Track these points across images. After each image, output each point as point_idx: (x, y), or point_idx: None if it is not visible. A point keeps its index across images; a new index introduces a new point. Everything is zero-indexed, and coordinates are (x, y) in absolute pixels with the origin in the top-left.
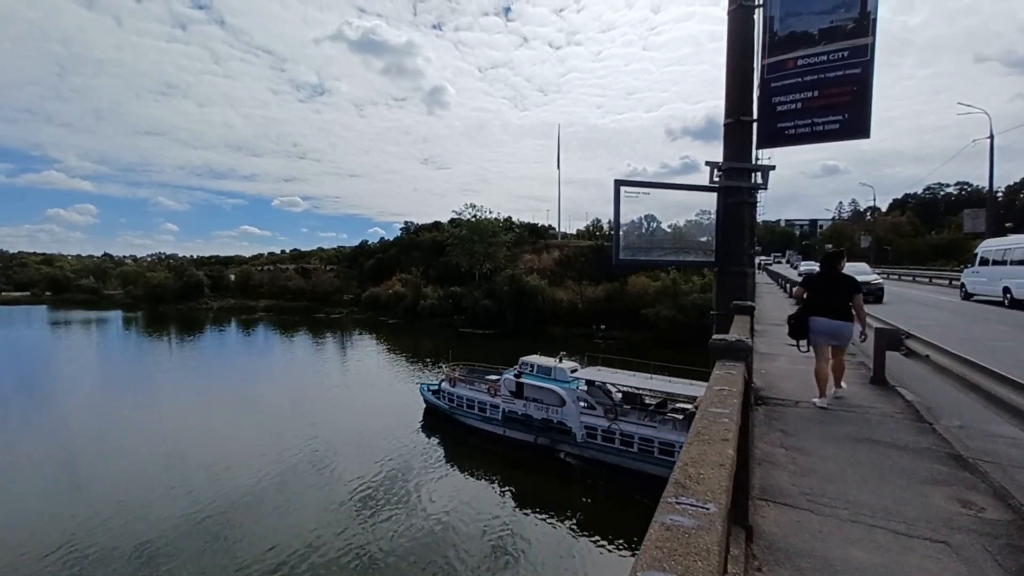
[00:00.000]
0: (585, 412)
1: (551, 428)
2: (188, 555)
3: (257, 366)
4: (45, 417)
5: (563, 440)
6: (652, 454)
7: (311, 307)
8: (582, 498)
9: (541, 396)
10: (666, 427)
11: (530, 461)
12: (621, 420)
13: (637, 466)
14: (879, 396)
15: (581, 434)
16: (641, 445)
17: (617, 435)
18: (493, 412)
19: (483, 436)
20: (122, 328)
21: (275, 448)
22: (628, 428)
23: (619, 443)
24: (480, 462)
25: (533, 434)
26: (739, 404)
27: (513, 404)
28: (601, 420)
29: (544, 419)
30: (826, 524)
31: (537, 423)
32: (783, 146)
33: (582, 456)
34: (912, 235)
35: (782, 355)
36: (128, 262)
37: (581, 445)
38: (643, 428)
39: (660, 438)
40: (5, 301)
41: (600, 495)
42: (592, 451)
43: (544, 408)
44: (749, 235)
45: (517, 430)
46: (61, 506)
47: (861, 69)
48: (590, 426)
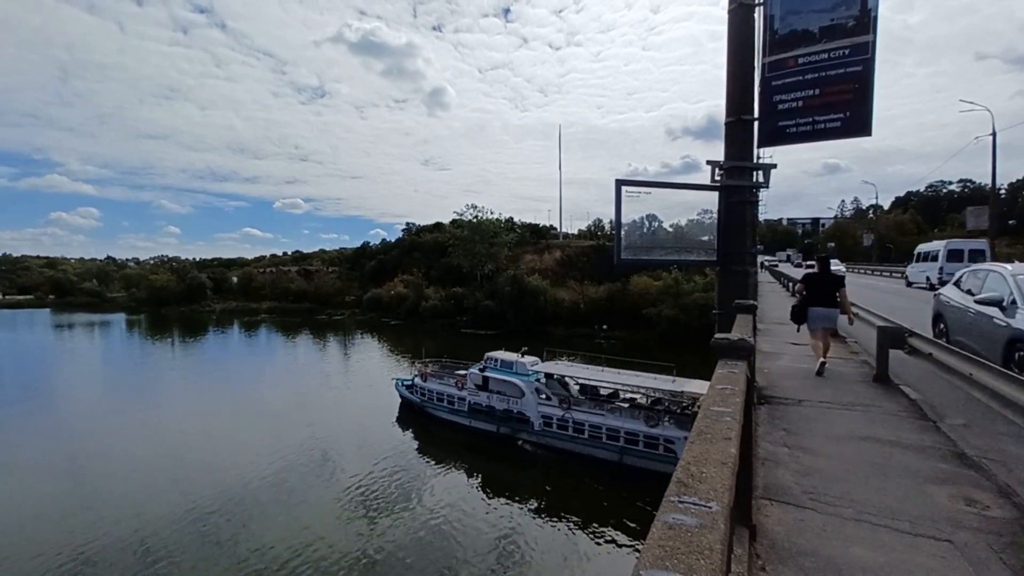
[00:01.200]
0: (542, 403)
1: (512, 418)
2: (191, 555)
3: (259, 368)
4: (49, 419)
5: (522, 428)
6: (600, 440)
7: (313, 309)
8: (538, 482)
9: (504, 388)
10: (613, 415)
11: (493, 449)
12: (574, 409)
13: (587, 451)
14: (882, 394)
15: (538, 423)
16: (591, 432)
17: (570, 423)
18: (460, 404)
19: (451, 427)
20: (125, 331)
21: (276, 448)
22: (580, 416)
23: (572, 430)
24: (448, 452)
25: (496, 424)
26: (742, 403)
27: (478, 396)
28: (556, 409)
29: (505, 410)
30: (830, 523)
31: (499, 413)
32: (784, 144)
33: (539, 443)
34: (915, 233)
35: (785, 354)
36: (131, 265)
37: (538, 433)
38: (593, 416)
39: (607, 425)
40: (9, 304)
41: (555, 479)
42: (548, 438)
43: (506, 399)
44: (751, 234)
45: (481, 420)
46: (66, 507)
47: (862, 67)
48: (546, 415)
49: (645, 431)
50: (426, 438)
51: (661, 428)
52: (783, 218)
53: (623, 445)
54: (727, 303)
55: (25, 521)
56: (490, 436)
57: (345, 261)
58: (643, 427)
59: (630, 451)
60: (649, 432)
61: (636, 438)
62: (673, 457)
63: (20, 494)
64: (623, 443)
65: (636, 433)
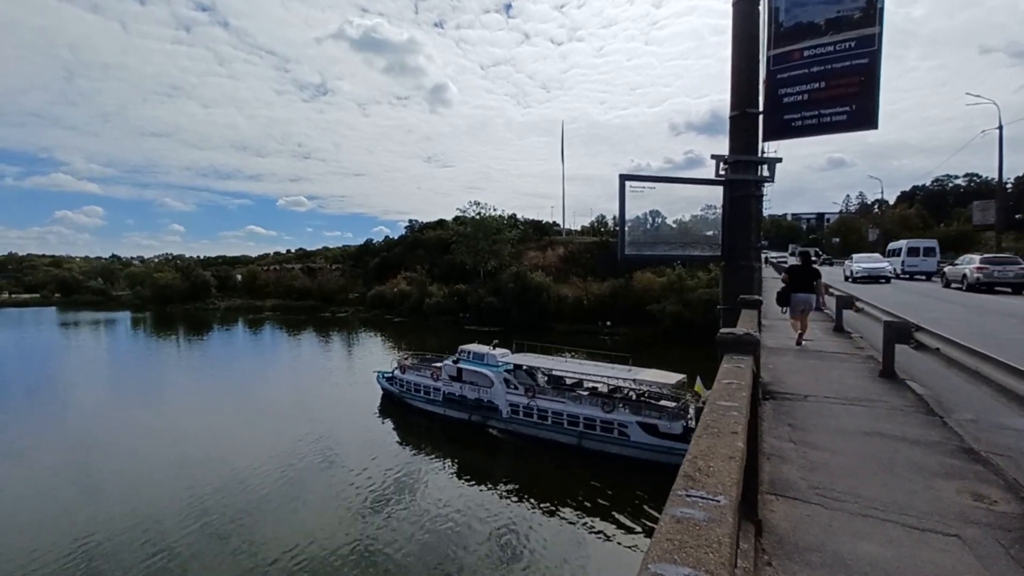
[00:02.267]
0: (510, 392)
1: (482, 406)
2: (194, 549)
3: (263, 365)
4: (57, 416)
5: (492, 416)
6: (562, 425)
7: (317, 306)
8: (507, 467)
9: (475, 379)
10: (573, 403)
11: (466, 436)
12: (539, 397)
13: (550, 436)
14: (888, 390)
15: (506, 411)
16: (553, 418)
17: (535, 411)
18: (435, 394)
19: (428, 416)
20: (131, 329)
21: (277, 443)
22: (544, 404)
23: (536, 417)
24: (425, 439)
25: (468, 412)
26: (748, 397)
27: (451, 386)
28: (522, 398)
29: (476, 399)
30: (836, 518)
31: (471, 403)
32: (790, 138)
33: (507, 430)
34: (921, 228)
35: (790, 350)
36: (136, 263)
37: (506, 420)
38: (555, 404)
39: (568, 411)
40: (16, 303)
41: (522, 464)
42: (515, 425)
43: (477, 389)
44: (756, 228)
45: (455, 409)
46: (72, 501)
47: (868, 59)
48: (513, 403)
49: (602, 416)
50: (405, 427)
51: (616, 414)
52: (787, 213)
53: (582, 430)
54: (732, 298)
55: (33, 515)
56: (463, 424)
57: (349, 258)
58: (600, 413)
59: (588, 435)
60: (605, 417)
61: (593, 423)
62: (627, 440)
63: (28, 489)
64: (582, 428)
65: (593, 419)
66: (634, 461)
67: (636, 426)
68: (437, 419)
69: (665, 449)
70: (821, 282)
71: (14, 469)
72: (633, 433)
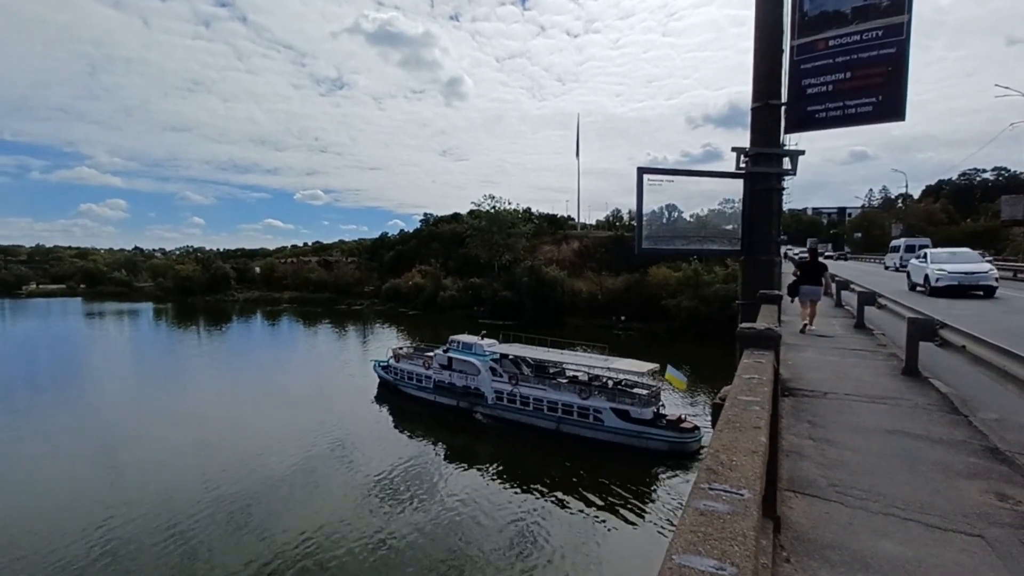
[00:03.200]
0: (495, 379)
1: (470, 393)
2: (216, 535)
3: (281, 356)
4: (83, 404)
5: (478, 402)
6: (543, 411)
7: (333, 299)
8: (491, 451)
9: (463, 367)
10: (553, 389)
11: (454, 421)
12: (522, 385)
13: (531, 421)
14: (911, 387)
15: (492, 397)
16: (535, 404)
17: (518, 397)
18: (427, 382)
19: (419, 402)
20: (153, 319)
21: (294, 431)
22: (525, 391)
23: (519, 403)
24: (417, 424)
25: (456, 399)
26: (770, 392)
27: (441, 374)
28: (506, 385)
29: (464, 386)
30: (856, 516)
31: (459, 390)
32: (813, 130)
33: (492, 415)
34: (946, 223)
35: (810, 346)
36: (157, 255)
37: (492, 406)
38: (536, 391)
39: (547, 398)
40: (43, 293)
41: (505, 447)
42: (499, 411)
43: (465, 377)
44: (776, 222)
45: (444, 396)
46: (97, 488)
47: (896, 48)
48: (498, 390)
49: (578, 403)
50: (400, 413)
51: (591, 400)
52: (808, 207)
53: (560, 416)
54: (751, 293)
55: (58, 497)
56: (451, 409)
57: (364, 252)
58: (577, 399)
59: (566, 420)
60: (581, 404)
61: (571, 409)
62: (601, 425)
63: (55, 475)
64: (560, 414)
65: (571, 404)
66: (607, 444)
67: (610, 412)
68: (428, 405)
69: (636, 433)
70: (827, 275)
71: (41, 452)
72: (607, 418)
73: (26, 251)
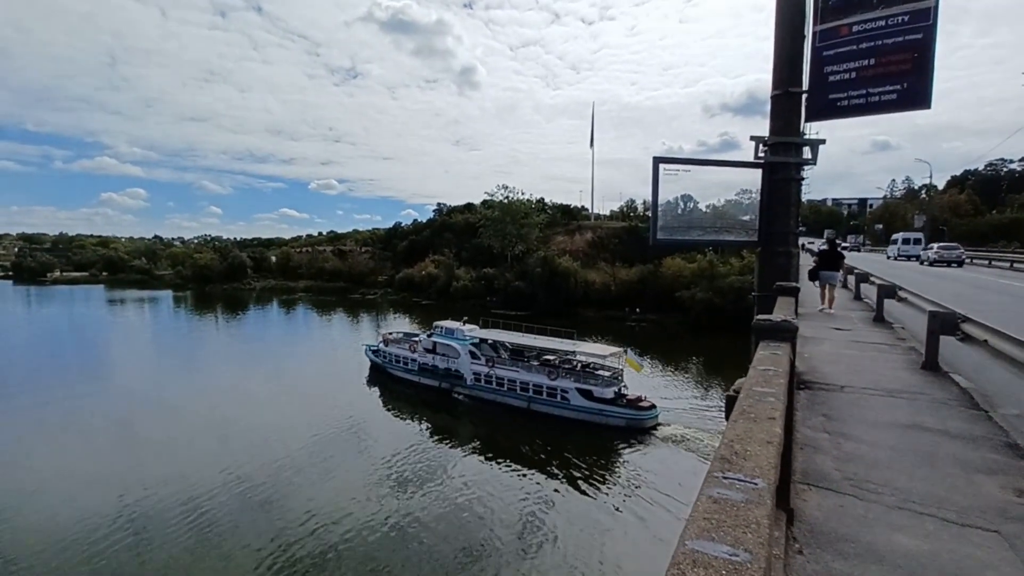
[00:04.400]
0: (474, 362)
1: (451, 375)
2: (232, 514)
3: (296, 343)
4: (105, 389)
5: (458, 383)
6: (515, 391)
7: (347, 288)
8: (469, 428)
9: (445, 351)
10: (526, 371)
11: (436, 401)
12: (497, 367)
13: (505, 400)
14: (930, 382)
15: (470, 378)
16: (508, 384)
17: (493, 378)
18: (412, 364)
19: (405, 383)
20: (172, 307)
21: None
22: (500, 372)
23: (495, 384)
24: (404, 403)
25: (438, 380)
26: (785, 384)
27: (425, 357)
28: (484, 367)
29: (446, 368)
30: (871, 510)
31: (441, 371)
32: (835, 118)
33: (470, 395)
34: (972, 214)
35: (827, 339)
36: (177, 244)
37: (470, 387)
38: (509, 372)
39: (520, 379)
40: (66, 281)
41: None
42: (477, 391)
43: (446, 359)
44: (795, 213)
45: (428, 377)
46: (117, 467)
47: (923, 34)
48: (477, 372)
49: (547, 383)
50: (387, 394)
51: (559, 381)
52: (827, 198)
53: (531, 395)
54: (768, 285)
55: (82, 480)
56: (434, 390)
57: (378, 241)
58: (546, 380)
59: (536, 399)
60: (550, 384)
61: (540, 389)
62: (567, 404)
63: (77, 456)
64: (531, 393)
65: (540, 385)
66: (572, 421)
67: (575, 391)
68: (413, 386)
69: (597, 411)
70: (843, 263)
71: (66, 437)
72: (572, 397)
73: (50, 239)
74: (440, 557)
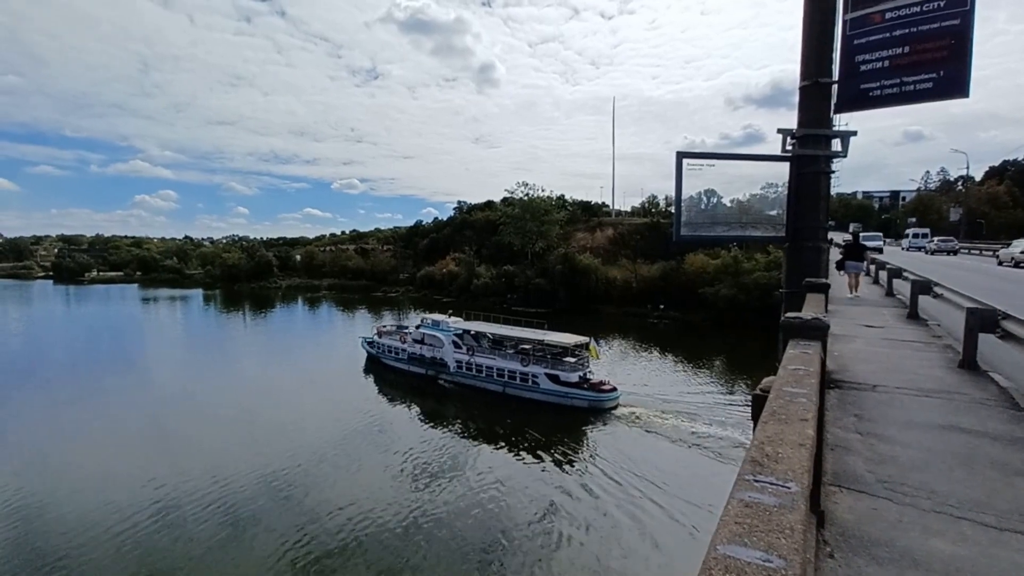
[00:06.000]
0: (456, 351)
1: (436, 363)
2: (264, 510)
3: (321, 339)
4: (139, 384)
5: (443, 371)
6: (492, 377)
7: (370, 286)
8: (452, 411)
9: (432, 341)
10: (502, 359)
11: (423, 387)
12: (477, 355)
13: (483, 385)
14: (968, 381)
15: (453, 366)
16: (486, 371)
17: (473, 365)
18: (402, 354)
19: (396, 371)
20: (202, 305)
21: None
22: (480, 360)
23: (475, 370)
24: (395, 390)
25: (425, 368)
26: (816, 384)
27: (414, 347)
28: (464, 355)
29: (432, 357)
30: (906, 514)
31: (428, 360)
32: (867, 109)
33: (453, 381)
34: (1011, 206)
35: (858, 336)
36: (206, 244)
37: (453, 373)
38: (487, 360)
39: (496, 366)
40: (103, 280)
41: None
42: (459, 377)
43: (432, 349)
44: (825, 207)
45: (416, 365)
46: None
47: (960, 20)
48: (459, 360)
49: (520, 369)
50: (381, 382)
51: (530, 367)
52: (857, 191)
53: (506, 380)
54: (796, 282)
55: (115, 472)
56: (421, 377)
57: (399, 240)
58: (519, 367)
59: (510, 384)
60: (523, 370)
61: (514, 374)
62: (537, 388)
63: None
64: (506, 378)
65: (514, 371)
66: (542, 404)
67: (544, 376)
68: (403, 374)
69: (563, 394)
70: (868, 254)
71: (102, 428)
72: (542, 382)
73: (87, 240)
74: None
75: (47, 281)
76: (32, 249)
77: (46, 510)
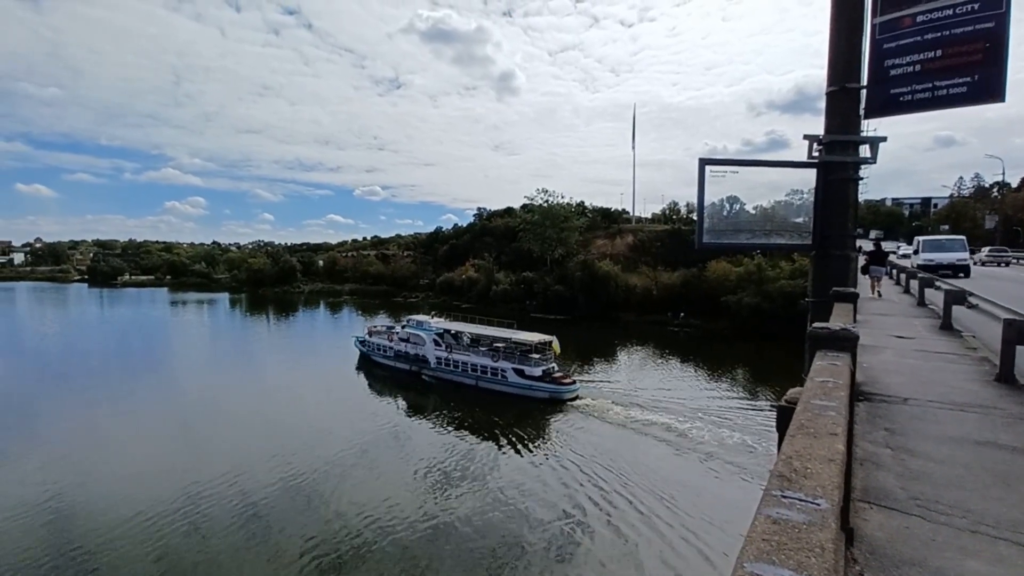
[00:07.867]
0: (436, 349)
1: (419, 359)
2: (286, 513)
3: (342, 344)
4: (167, 384)
5: (425, 366)
6: (467, 372)
7: (390, 291)
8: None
9: (415, 340)
10: (475, 355)
11: (407, 382)
12: (454, 352)
13: (460, 379)
14: (1006, 395)
15: (433, 362)
16: (462, 366)
17: (451, 362)
18: (389, 352)
19: (384, 368)
20: (228, 308)
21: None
22: (456, 357)
23: (452, 366)
24: (384, 385)
25: (409, 364)
26: (846, 397)
27: (400, 346)
28: (443, 352)
29: (415, 354)
30: (939, 532)
31: (411, 357)
32: (897, 114)
33: (434, 376)
34: None
35: (888, 347)
36: (233, 249)
37: (434, 369)
38: (463, 356)
39: (471, 361)
40: (135, 284)
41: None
42: (439, 372)
43: (416, 347)
44: (853, 215)
45: (401, 362)
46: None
47: (995, 23)
48: (439, 357)
49: (491, 364)
50: (371, 377)
51: (499, 362)
52: (886, 198)
53: (479, 375)
54: (822, 291)
55: (142, 469)
56: (406, 373)
57: (419, 246)
58: (490, 362)
59: (482, 378)
60: (493, 365)
61: (486, 369)
62: (506, 381)
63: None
64: (479, 373)
65: (486, 366)
66: (509, 396)
67: (512, 371)
68: (390, 370)
69: (527, 387)
70: (888, 259)
71: (130, 427)
72: (509, 376)
73: (121, 245)
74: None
75: (82, 284)
76: (69, 253)
77: (76, 506)
